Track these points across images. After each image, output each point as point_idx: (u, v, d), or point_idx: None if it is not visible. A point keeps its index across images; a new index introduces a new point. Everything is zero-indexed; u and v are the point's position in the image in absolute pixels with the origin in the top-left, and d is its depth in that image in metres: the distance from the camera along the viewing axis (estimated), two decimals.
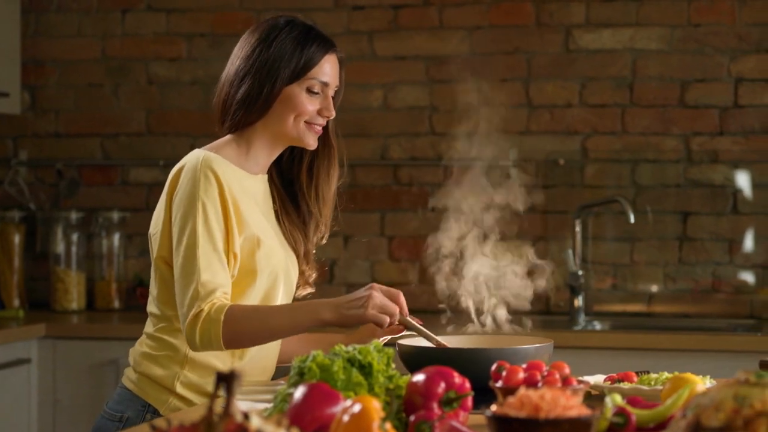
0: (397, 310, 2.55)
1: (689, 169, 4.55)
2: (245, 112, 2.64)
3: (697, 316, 4.52)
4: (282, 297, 2.72)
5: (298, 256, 2.77)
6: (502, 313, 2.89)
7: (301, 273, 2.80)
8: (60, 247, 4.83)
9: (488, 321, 2.84)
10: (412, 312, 2.94)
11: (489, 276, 2.91)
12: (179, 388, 2.59)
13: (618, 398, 1.92)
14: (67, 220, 4.84)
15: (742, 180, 4.50)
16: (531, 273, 4.59)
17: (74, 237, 4.84)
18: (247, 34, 2.70)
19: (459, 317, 2.85)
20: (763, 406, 1.60)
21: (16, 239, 4.84)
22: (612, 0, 4.59)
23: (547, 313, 4.61)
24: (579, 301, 4.46)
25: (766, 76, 4.49)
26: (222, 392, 1.55)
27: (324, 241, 2.85)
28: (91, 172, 4.96)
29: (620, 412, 1.87)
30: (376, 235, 4.75)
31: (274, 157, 2.73)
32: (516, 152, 4.64)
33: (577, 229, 4.52)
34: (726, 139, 4.52)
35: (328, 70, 2.67)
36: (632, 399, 1.97)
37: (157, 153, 4.87)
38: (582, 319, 4.46)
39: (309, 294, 2.88)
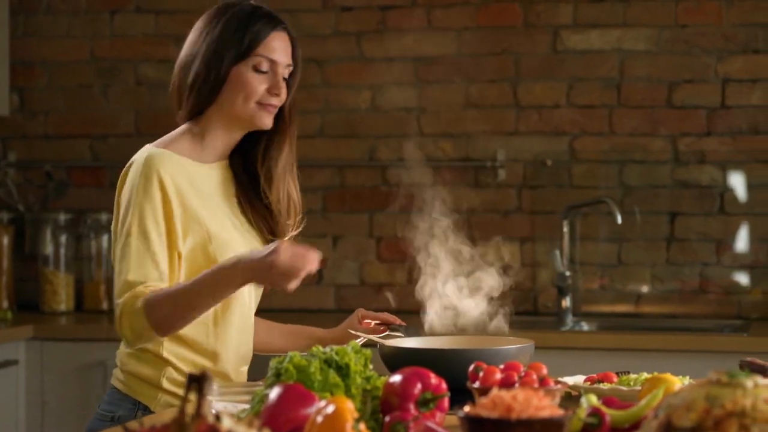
0: (301, 269, 2.40)
1: (677, 169, 4.55)
2: (196, 96, 2.61)
3: (684, 316, 4.52)
4: (250, 288, 2.67)
5: (272, 234, 2.72)
6: (487, 314, 2.90)
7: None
8: (49, 249, 4.83)
9: (472, 322, 2.85)
10: (399, 314, 2.95)
11: (474, 276, 2.90)
12: (166, 384, 2.59)
13: (593, 399, 1.92)
14: (56, 222, 4.84)
15: (730, 180, 4.51)
16: (515, 274, 4.61)
17: (63, 238, 4.84)
18: (197, 21, 2.68)
19: (442, 318, 2.85)
20: (734, 407, 1.60)
21: (5, 240, 4.84)
22: (600, 1, 4.60)
23: (534, 314, 4.61)
24: (567, 302, 4.46)
25: (753, 77, 4.50)
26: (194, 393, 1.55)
27: (296, 231, 2.76)
28: (80, 174, 4.96)
29: (594, 412, 1.88)
30: (365, 236, 4.76)
31: (232, 143, 2.69)
32: (504, 153, 4.64)
33: (565, 229, 4.52)
34: (713, 140, 4.52)
35: (276, 47, 2.62)
36: (608, 399, 1.98)
37: None
38: (570, 319, 4.47)
39: None
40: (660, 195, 4.56)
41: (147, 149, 2.60)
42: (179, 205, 2.56)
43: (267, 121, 2.63)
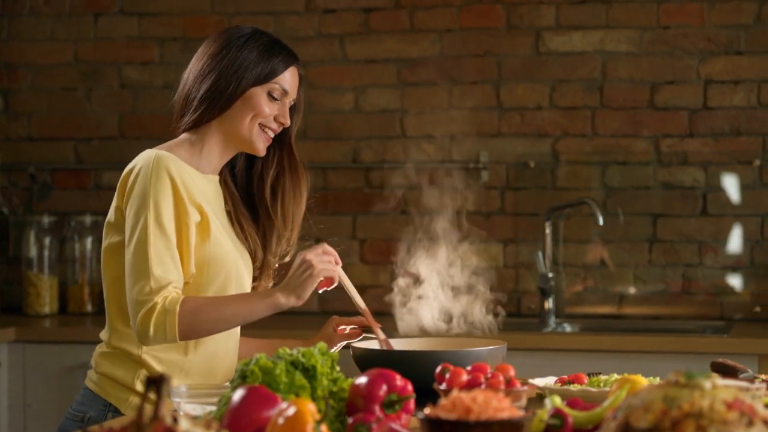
0: (334, 257, 2.62)
1: (659, 170, 4.55)
2: (207, 107, 2.69)
3: (667, 317, 4.53)
4: None
5: (253, 257, 2.79)
6: (468, 315, 2.90)
7: (257, 279, 2.83)
8: (32, 251, 4.82)
9: (453, 323, 2.85)
10: (381, 316, 2.96)
11: (456, 278, 2.91)
12: (138, 386, 2.62)
13: (557, 400, 1.92)
14: (40, 224, 4.83)
15: (712, 181, 4.51)
16: (498, 276, 4.61)
17: (47, 241, 4.83)
18: (213, 37, 2.77)
19: (423, 319, 2.86)
20: (691, 408, 1.61)
21: None
22: (582, 2, 4.60)
23: (518, 315, 4.61)
24: (549, 303, 4.46)
25: (734, 78, 4.50)
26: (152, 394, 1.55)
27: (288, 260, 2.87)
28: (64, 176, 4.96)
29: (557, 413, 1.88)
30: (348, 238, 4.76)
31: (225, 160, 2.77)
32: (487, 154, 4.65)
33: (548, 231, 4.52)
34: (695, 141, 4.53)
35: (290, 79, 2.75)
36: (572, 401, 1.98)
37: (130, 157, 4.76)
38: (552, 321, 4.47)
39: None
40: (642, 196, 4.56)
41: (151, 152, 2.64)
42: (191, 203, 2.62)
43: (262, 147, 2.73)
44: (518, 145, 4.64)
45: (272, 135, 2.74)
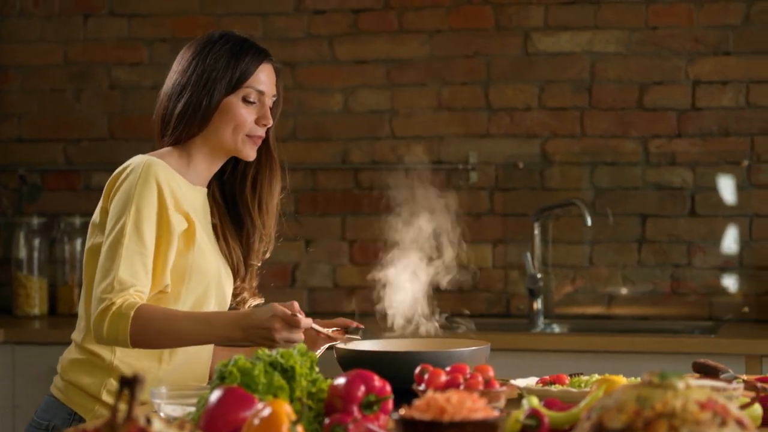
0: (300, 336, 2.50)
1: (648, 171, 4.56)
2: (185, 125, 2.67)
3: (656, 318, 4.53)
4: (214, 308, 2.73)
5: (235, 272, 2.79)
6: (454, 316, 2.90)
7: (243, 287, 2.82)
8: (22, 253, 4.82)
9: (439, 323, 2.86)
10: (370, 314, 2.96)
11: (444, 278, 2.91)
12: (105, 396, 2.61)
13: (534, 400, 1.93)
14: (29, 226, 4.83)
15: (700, 182, 4.52)
16: (487, 276, 4.61)
17: (36, 242, 4.83)
18: (183, 50, 2.75)
19: (409, 320, 2.86)
20: (664, 408, 1.61)
21: None
22: (570, 3, 4.60)
23: (506, 316, 4.62)
24: (538, 304, 4.46)
25: (723, 78, 4.51)
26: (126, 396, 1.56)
27: (268, 255, 2.86)
28: (54, 178, 4.96)
29: (533, 414, 1.88)
30: (337, 239, 4.76)
31: (214, 170, 2.75)
32: (475, 155, 4.65)
33: (536, 231, 4.52)
34: (684, 141, 4.53)
35: (263, 78, 2.71)
36: (550, 401, 1.98)
37: (120, 158, 4.77)
38: (541, 321, 4.47)
39: (258, 304, 2.89)
40: (631, 197, 4.56)
41: (143, 157, 2.63)
42: (174, 212, 2.60)
43: (252, 153, 2.71)
44: (507, 145, 4.64)
45: (260, 139, 2.72)
